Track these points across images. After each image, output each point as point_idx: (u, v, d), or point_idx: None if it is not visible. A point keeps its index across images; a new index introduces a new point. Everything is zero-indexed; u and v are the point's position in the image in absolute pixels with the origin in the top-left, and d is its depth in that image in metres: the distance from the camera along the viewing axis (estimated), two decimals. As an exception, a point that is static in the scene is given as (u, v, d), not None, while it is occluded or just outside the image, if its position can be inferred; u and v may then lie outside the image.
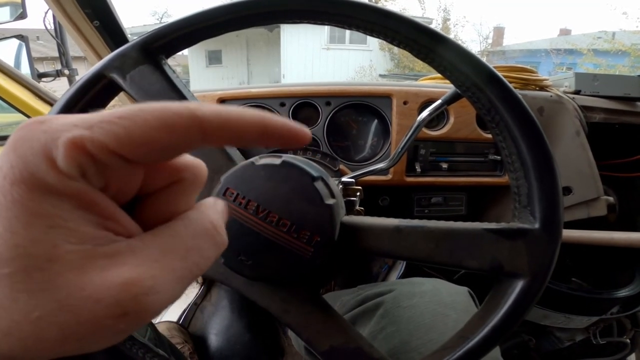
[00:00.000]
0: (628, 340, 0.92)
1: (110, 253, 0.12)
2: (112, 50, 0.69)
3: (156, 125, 0.12)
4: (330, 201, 0.25)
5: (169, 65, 0.30)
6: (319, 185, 0.26)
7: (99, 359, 0.28)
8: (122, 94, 0.32)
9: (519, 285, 0.26)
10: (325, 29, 8.75)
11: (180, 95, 0.29)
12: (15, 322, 0.10)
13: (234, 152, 0.29)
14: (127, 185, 0.13)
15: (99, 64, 0.29)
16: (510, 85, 0.27)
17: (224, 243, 0.15)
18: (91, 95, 0.30)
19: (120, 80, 0.29)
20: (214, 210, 0.16)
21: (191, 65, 10.44)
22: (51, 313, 0.10)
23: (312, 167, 0.27)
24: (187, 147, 0.13)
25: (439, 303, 0.42)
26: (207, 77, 10.51)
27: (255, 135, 0.14)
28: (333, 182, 0.29)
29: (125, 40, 0.69)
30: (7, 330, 0.10)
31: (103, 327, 0.11)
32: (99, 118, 0.11)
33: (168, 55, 0.31)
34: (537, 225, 0.25)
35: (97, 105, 0.31)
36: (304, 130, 0.15)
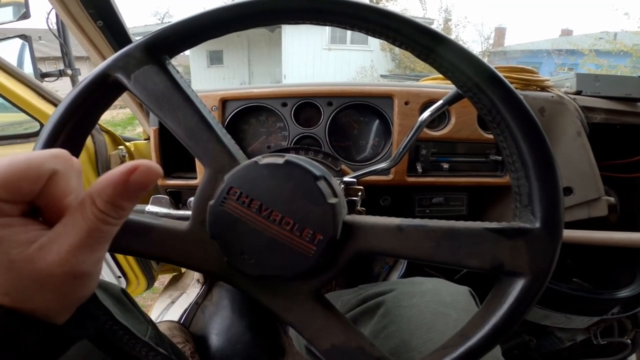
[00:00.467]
0: (629, 341, 0.92)
1: (40, 246, 0.18)
2: (115, 51, 0.69)
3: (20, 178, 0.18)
4: (332, 200, 0.26)
5: (172, 66, 0.30)
6: (321, 184, 0.26)
7: (102, 356, 0.28)
8: (124, 94, 0.32)
9: (519, 284, 0.26)
10: (327, 30, 8.76)
11: (184, 96, 0.29)
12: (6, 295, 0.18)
13: (237, 152, 0.29)
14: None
15: (103, 64, 0.29)
16: (511, 86, 0.27)
17: (116, 217, 0.20)
18: (96, 95, 0.30)
19: (125, 80, 0.29)
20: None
21: (192, 65, 10.46)
22: (31, 285, 0.18)
23: (314, 167, 0.27)
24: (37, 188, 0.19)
25: (440, 302, 0.42)
26: (208, 77, 10.53)
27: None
28: (335, 181, 0.29)
29: (129, 41, 0.70)
30: (20, 296, 0.18)
31: (68, 289, 0.19)
32: None
33: (172, 56, 0.31)
34: (537, 225, 0.26)
35: (101, 105, 0.31)
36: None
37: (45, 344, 0.19)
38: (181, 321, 1.02)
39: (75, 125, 0.30)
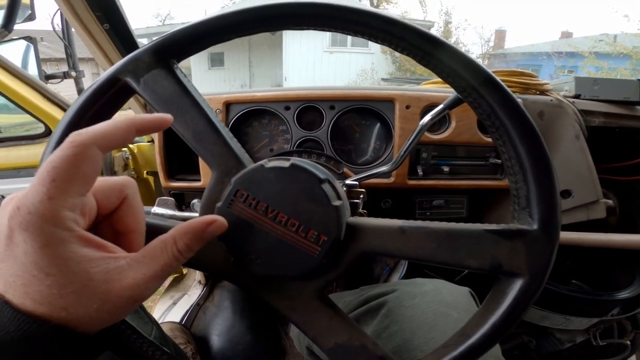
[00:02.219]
0: (628, 342, 0.92)
1: (118, 269, 0.20)
2: (121, 54, 0.70)
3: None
4: (336, 202, 0.26)
5: (180, 70, 0.31)
6: (326, 187, 0.27)
7: (112, 355, 0.29)
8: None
9: (518, 284, 0.26)
10: (327, 32, 8.77)
11: (192, 100, 0.30)
12: (64, 309, 0.19)
13: (244, 155, 0.30)
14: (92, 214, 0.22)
15: (113, 68, 0.30)
16: (510, 91, 0.28)
17: (185, 256, 0.22)
18: (106, 98, 0.31)
19: (134, 84, 0.30)
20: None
21: (193, 68, 10.48)
22: (91, 303, 0.19)
23: (319, 170, 0.27)
24: (116, 201, 0.24)
25: (441, 303, 0.43)
26: (209, 79, 10.55)
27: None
28: (339, 184, 0.30)
29: (134, 43, 0.71)
30: (77, 312, 0.19)
31: (123, 308, 0.20)
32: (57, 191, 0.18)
33: (179, 60, 0.31)
34: (535, 227, 0.26)
35: (111, 108, 0.32)
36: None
37: (79, 355, 0.20)
38: (183, 322, 1.02)
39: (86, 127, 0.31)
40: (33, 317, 0.18)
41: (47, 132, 0.81)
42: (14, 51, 0.97)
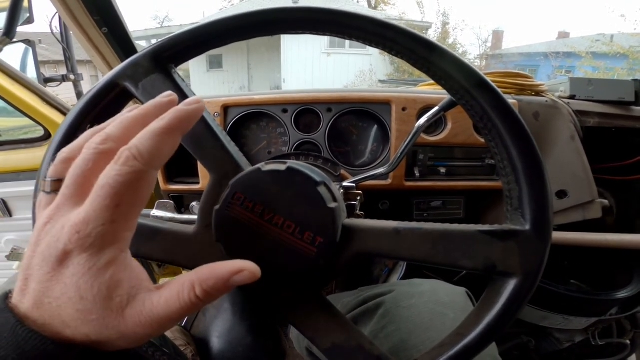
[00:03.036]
0: (628, 342, 0.93)
1: (137, 306, 0.19)
2: (120, 57, 0.71)
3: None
4: (332, 205, 0.27)
5: (178, 74, 0.32)
6: (321, 189, 0.27)
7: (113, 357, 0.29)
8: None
9: (512, 284, 0.27)
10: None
11: None
12: (87, 335, 0.19)
13: (241, 159, 0.30)
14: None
15: (112, 73, 0.30)
16: (502, 93, 0.28)
17: (197, 304, 0.21)
18: (105, 103, 0.31)
19: (132, 89, 0.30)
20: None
21: (192, 70, 10.50)
22: (113, 334, 0.19)
23: (315, 173, 0.28)
24: None
25: (437, 303, 0.43)
26: (208, 82, 10.56)
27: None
28: (335, 186, 0.30)
29: (133, 48, 0.71)
30: (98, 339, 0.19)
31: (144, 337, 0.20)
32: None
33: (177, 64, 0.32)
34: (527, 227, 0.27)
35: (110, 112, 0.32)
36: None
37: None
38: (182, 324, 1.02)
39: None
40: (54, 338, 0.18)
41: (47, 136, 0.81)
42: (12, 54, 0.97)
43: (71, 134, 0.30)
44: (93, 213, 0.18)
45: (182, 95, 0.30)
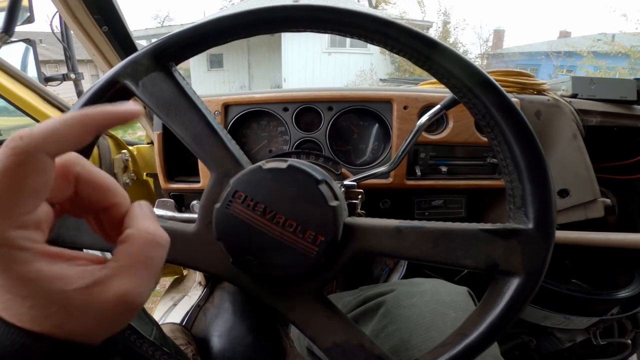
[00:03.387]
0: (629, 341, 0.93)
1: (98, 281, 0.17)
2: (120, 56, 0.71)
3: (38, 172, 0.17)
4: (333, 203, 0.27)
5: (179, 72, 0.31)
6: (323, 188, 0.27)
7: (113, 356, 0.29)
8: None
9: (514, 283, 0.27)
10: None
11: (190, 102, 0.30)
12: (57, 327, 0.17)
13: (242, 157, 0.30)
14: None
15: (112, 71, 0.30)
16: (505, 92, 0.28)
17: (166, 239, 0.20)
18: (105, 101, 0.31)
19: (132, 87, 0.30)
20: (143, 218, 0.20)
21: (192, 69, 10.49)
22: (83, 318, 0.17)
23: (316, 171, 0.28)
24: (66, 191, 0.19)
25: (439, 302, 0.43)
26: (209, 81, 10.56)
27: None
28: (336, 185, 0.30)
29: (134, 46, 0.71)
30: (64, 328, 0.17)
31: (120, 318, 0.18)
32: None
33: (178, 62, 0.32)
34: (530, 226, 0.27)
35: None
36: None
37: None
38: (183, 323, 1.02)
39: None
40: (29, 332, 0.16)
41: (47, 135, 0.81)
42: (13, 54, 0.97)
43: None
44: None
45: (182, 94, 0.30)
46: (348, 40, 9.20)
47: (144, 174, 0.90)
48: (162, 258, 0.20)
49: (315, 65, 9.40)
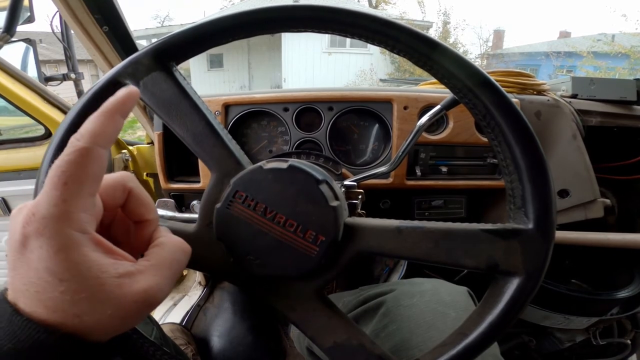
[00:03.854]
0: (629, 341, 0.93)
1: (129, 274, 0.20)
2: (121, 56, 0.71)
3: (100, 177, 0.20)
4: (334, 203, 0.27)
5: (179, 72, 0.31)
6: (323, 188, 0.27)
7: (115, 355, 0.29)
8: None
9: (514, 283, 0.27)
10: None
11: (191, 102, 0.30)
12: (76, 316, 0.18)
13: (243, 157, 0.30)
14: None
15: (113, 71, 0.30)
16: (505, 92, 0.28)
17: (189, 248, 0.25)
18: (105, 101, 0.31)
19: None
20: (170, 232, 0.26)
21: (192, 69, 10.49)
22: (105, 309, 0.19)
23: (317, 171, 0.28)
24: (120, 199, 0.25)
25: (439, 302, 0.43)
26: (209, 81, 10.56)
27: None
28: (337, 185, 0.30)
29: (134, 46, 0.71)
30: (90, 319, 0.19)
31: (137, 314, 0.20)
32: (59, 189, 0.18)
33: (178, 62, 0.32)
34: (530, 226, 0.27)
35: None
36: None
37: None
38: (183, 323, 1.02)
39: None
40: (45, 325, 0.18)
41: (47, 134, 0.81)
42: (13, 53, 0.97)
43: (72, 133, 0.30)
44: (44, 194, 0.18)
45: (183, 94, 0.30)
46: (348, 40, 9.21)
47: (144, 174, 0.90)
48: (184, 262, 0.24)
49: (315, 66, 9.39)
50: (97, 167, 0.20)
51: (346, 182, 0.47)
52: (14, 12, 0.66)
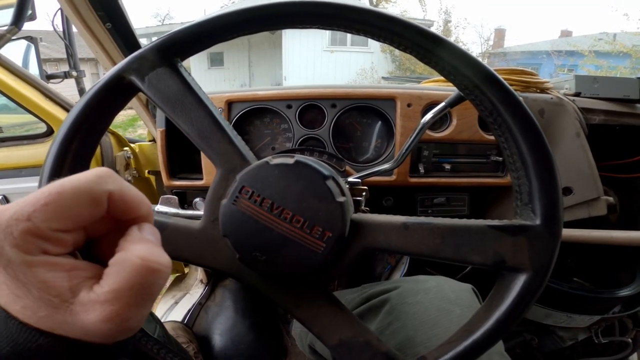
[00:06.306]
0: (630, 340, 0.93)
1: (81, 303, 0.17)
2: (123, 53, 0.70)
3: (73, 204, 0.17)
4: (341, 199, 0.27)
5: (184, 68, 0.31)
6: (330, 183, 0.27)
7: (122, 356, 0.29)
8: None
9: (521, 279, 0.27)
10: (327, 31, 8.77)
11: (196, 98, 0.30)
12: (53, 329, 0.17)
13: (248, 153, 0.30)
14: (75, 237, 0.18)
15: (117, 66, 0.30)
16: (511, 88, 0.28)
17: (163, 263, 0.18)
18: (110, 97, 0.31)
19: (138, 82, 0.30)
20: (139, 241, 0.19)
21: (193, 67, 10.48)
22: (72, 330, 0.17)
23: (323, 167, 0.28)
24: (98, 213, 0.18)
25: (443, 299, 0.43)
26: (209, 79, 10.55)
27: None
28: (342, 181, 0.30)
29: (137, 43, 0.71)
30: (68, 333, 0.17)
31: (106, 338, 0.17)
32: (31, 208, 0.16)
33: (183, 58, 0.32)
34: (538, 222, 0.26)
35: (115, 106, 0.32)
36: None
37: None
38: (185, 321, 1.02)
39: (90, 126, 0.31)
40: (39, 330, 0.17)
41: (49, 132, 0.81)
42: (14, 51, 0.97)
43: (76, 128, 0.30)
44: (19, 205, 0.16)
45: (189, 89, 0.30)
46: (349, 38, 9.21)
47: (146, 171, 0.90)
48: (156, 285, 0.18)
49: (316, 64, 9.38)
50: (87, 210, 0.17)
51: (350, 179, 0.47)
52: (23, 6, 0.66)
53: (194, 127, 0.30)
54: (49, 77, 0.95)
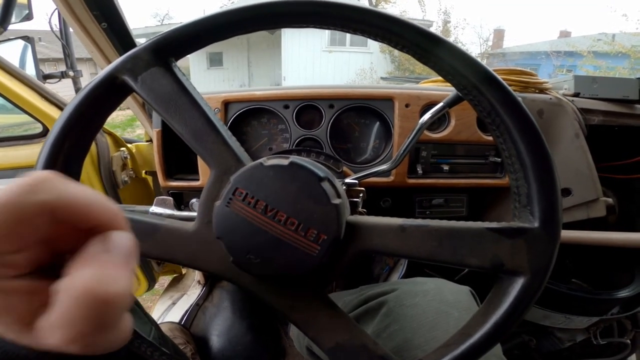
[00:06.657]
0: (629, 341, 0.93)
1: (46, 327, 0.15)
2: (119, 53, 0.70)
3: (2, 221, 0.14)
4: (336, 201, 0.26)
5: (178, 68, 0.31)
6: (325, 185, 0.26)
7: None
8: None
9: (519, 282, 0.26)
10: (326, 31, 8.76)
11: (190, 98, 0.29)
12: None
13: (243, 154, 0.30)
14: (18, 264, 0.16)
15: (111, 66, 0.30)
16: (510, 89, 0.27)
17: (117, 292, 0.15)
18: (104, 97, 0.30)
19: (131, 83, 0.29)
20: (91, 261, 0.15)
21: (192, 67, 10.47)
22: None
23: (318, 168, 0.27)
24: (42, 227, 0.15)
25: (442, 302, 0.43)
26: (208, 79, 10.54)
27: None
28: (338, 182, 0.30)
29: (133, 43, 0.70)
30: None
31: (80, 352, 0.15)
32: None
33: (178, 58, 0.31)
34: (536, 224, 0.26)
35: (108, 106, 0.32)
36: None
37: None
38: (182, 322, 1.02)
39: (83, 127, 0.30)
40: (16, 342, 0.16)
41: (45, 132, 0.81)
42: (11, 51, 0.96)
43: (68, 129, 0.30)
44: None
45: (182, 90, 0.30)
46: (348, 38, 9.21)
47: (143, 171, 0.90)
48: (109, 313, 0.15)
49: (315, 64, 9.38)
50: (30, 230, 0.15)
51: (347, 180, 0.46)
52: (8, 6, 0.65)
53: (187, 127, 0.29)
54: (46, 77, 0.94)
